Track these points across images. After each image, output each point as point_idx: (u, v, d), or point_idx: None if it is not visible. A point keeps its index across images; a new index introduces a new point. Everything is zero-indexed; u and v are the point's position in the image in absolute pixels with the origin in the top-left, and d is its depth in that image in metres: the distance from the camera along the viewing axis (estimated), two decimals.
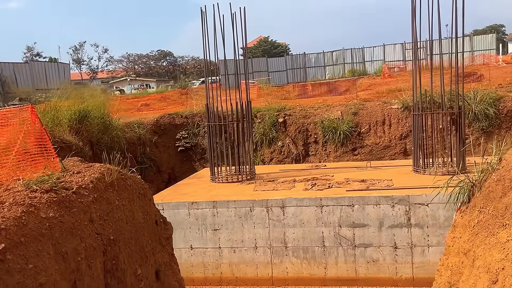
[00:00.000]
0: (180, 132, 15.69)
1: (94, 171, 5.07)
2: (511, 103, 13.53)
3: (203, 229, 8.54)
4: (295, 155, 14.44)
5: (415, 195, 7.92)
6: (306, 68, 35.59)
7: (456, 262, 5.23)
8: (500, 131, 13.46)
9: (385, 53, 35.07)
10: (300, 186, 9.21)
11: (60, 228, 3.93)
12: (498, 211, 4.79)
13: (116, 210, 5.00)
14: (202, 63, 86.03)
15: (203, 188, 9.82)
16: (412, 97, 10.31)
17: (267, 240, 8.33)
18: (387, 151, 14.03)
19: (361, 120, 14.38)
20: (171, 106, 21.79)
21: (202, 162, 15.70)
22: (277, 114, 15.23)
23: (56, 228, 3.87)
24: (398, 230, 7.94)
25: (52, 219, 3.89)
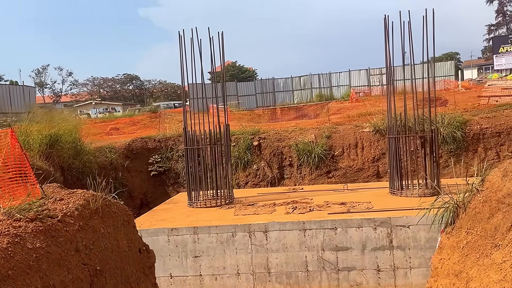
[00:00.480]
0: (153, 156, 15.36)
1: (78, 198, 4.83)
2: (477, 126, 14.11)
3: (183, 256, 8.27)
4: (271, 178, 14.40)
5: (396, 217, 8.00)
6: (275, 92, 36.06)
7: (447, 284, 5.25)
8: (467, 153, 13.95)
9: (350, 78, 36.10)
10: (281, 209, 9.14)
11: (47, 260, 3.67)
12: (487, 232, 4.88)
13: (102, 238, 4.76)
14: (170, 87, 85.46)
15: (182, 214, 9.57)
16: (387, 121, 10.56)
17: (250, 266, 8.15)
18: (360, 174, 14.23)
19: (334, 143, 14.58)
20: (141, 130, 21.40)
21: (175, 186, 15.38)
22: (251, 137, 15.22)
23: (43, 259, 3.62)
24: (380, 253, 7.97)
25: (39, 250, 3.64)
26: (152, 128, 20.73)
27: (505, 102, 16.04)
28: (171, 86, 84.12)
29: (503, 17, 63.10)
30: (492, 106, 16.16)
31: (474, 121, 14.35)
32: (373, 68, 36.03)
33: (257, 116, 27.19)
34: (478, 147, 14.00)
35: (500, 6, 62.81)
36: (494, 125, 14.09)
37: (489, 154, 13.90)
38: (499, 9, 62.98)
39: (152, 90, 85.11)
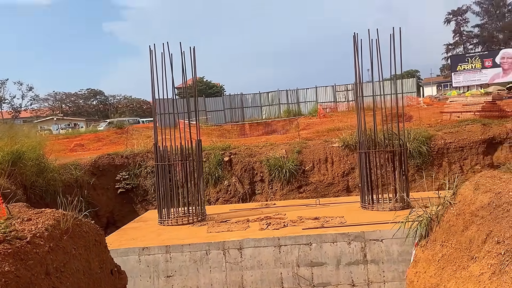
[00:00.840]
0: (121, 173, 14.95)
1: (47, 218, 4.58)
2: (441, 141, 14.58)
3: (155, 276, 7.99)
4: (242, 194, 14.29)
5: (369, 231, 8.07)
6: (243, 108, 36.17)
7: None
8: (432, 167, 14.37)
9: (317, 94, 36.72)
10: (255, 226, 9.04)
11: (17, 284, 3.43)
12: (462, 244, 4.97)
13: (73, 260, 4.52)
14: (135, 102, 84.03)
15: (152, 232, 9.30)
16: (358, 136, 10.72)
17: (224, 285, 7.97)
18: (331, 188, 14.35)
19: (305, 158, 14.68)
20: (107, 146, 20.84)
21: (144, 204, 15.00)
22: (222, 153, 15.11)
23: (12, 284, 3.38)
24: (355, 267, 7.99)
25: (8, 274, 3.40)
26: (118, 144, 20.23)
27: (466, 117, 16.69)
28: (136, 101, 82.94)
29: (460, 37, 66.30)
30: (454, 121, 16.77)
31: (438, 136, 14.83)
32: (339, 85, 36.83)
33: (226, 131, 27.10)
34: (442, 161, 14.45)
35: (457, 27, 66.02)
36: (457, 140, 14.62)
37: (453, 168, 14.37)
38: (456, 29, 66.18)
39: (117, 106, 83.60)
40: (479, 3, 64.44)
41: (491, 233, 4.37)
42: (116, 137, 22.41)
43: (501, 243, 4.04)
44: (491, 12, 64.00)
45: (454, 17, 65.84)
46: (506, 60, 49.76)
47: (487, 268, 4.05)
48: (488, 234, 4.43)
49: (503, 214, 4.40)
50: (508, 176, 5.16)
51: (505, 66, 49.76)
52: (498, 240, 4.11)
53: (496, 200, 4.64)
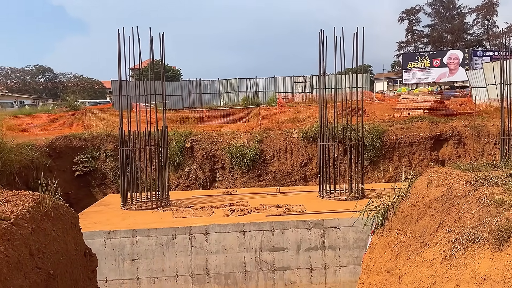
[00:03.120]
0: (78, 155, 14.66)
1: (26, 200, 4.62)
2: (393, 136, 15.46)
3: (120, 259, 8.10)
4: (203, 181, 14.49)
5: (328, 219, 8.59)
6: (202, 94, 36.01)
7: (380, 280, 5.82)
8: (384, 160, 15.22)
9: (276, 84, 37.20)
10: (219, 212, 9.32)
11: (7, 264, 3.53)
12: (416, 232, 5.51)
13: (53, 242, 4.61)
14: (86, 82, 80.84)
15: (117, 216, 9.34)
16: (320, 129, 11.20)
17: (189, 268, 8.23)
18: (289, 177, 14.86)
19: (265, 147, 15.07)
20: (61, 127, 20.23)
21: (102, 188, 14.82)
22: (184, 139, 15.19)
23: (3, 263, 3.47)
24: (313, 253, 8.49)
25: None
26: (74, 126, 19.71)
27: (417, 114, 17.73)
28: (88, 81, 80.00)
29: (412, 35, 69.12)
30: (405, 118, 17.76)
31: (390, 131, 15.70)
32: (297, 76, 37.50)
33: (185, 117, 27.00)
34: (393, 155, 15.34)
35: (410, 26, 68.75)
36: (408, 135, 15.55)
37: (403, 161, 15.30)
38: (408, 28, 68.91)
39: (66, 84, 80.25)
40: (431, 4, 67.43)
41: (442, 223, 4.90)
42: (70, 118, 21.78)
43: (452, 232, 4.57)
44: (441, 13, 67.18)
45: (407, 16, 68.52)
46: (453, 61, 52.63)
47: (438, 254, 4.57)
48: (440, 224, 4.97)
49: (453, 206, 4.94)
50: (457, 172, 5.74)
51: (452, 66, 52.61)
52: (449, 229, 4.64)
53: (448, 193, 5.19)
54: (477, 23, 66.67)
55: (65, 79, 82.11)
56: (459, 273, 3.98)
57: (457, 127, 15.85)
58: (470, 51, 52.95)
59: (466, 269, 3.91)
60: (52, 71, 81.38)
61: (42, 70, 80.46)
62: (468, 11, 66.40)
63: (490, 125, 15.75)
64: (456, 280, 3.99)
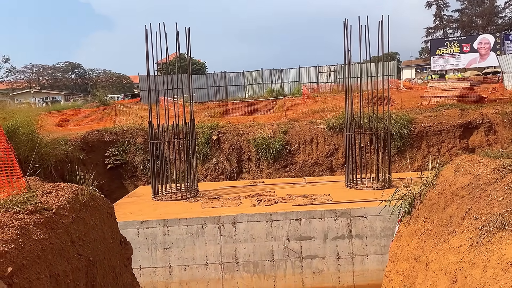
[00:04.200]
0: (110, 149, 15.13)
1: (66, 191, 4.90)
2: (421, 124, 15.25)
3: (152, 248, 8.42)
4: (230, 172, 14.72)
5: (355, 208, 8.65)
6: (227, 86, 36.26)
7: (407, 267, 5.88)
8: (412, 149, 15.06)
9: (300, 75, 37.05)
10: (247, 202, 9.51)
11: (52, 250, 3.80)
12: (443, 220, 5.54)
13: (91, 230, 4.88)
14: (115, 77, 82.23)
15: (148, 207, 9.67)
16: (346, 118, 11.20)
17: (219, 257, 8.47)
18: (315, 168, 14.92)
19: (291, 138, 15.15)
20: (93, 122, 20.86)
21: (133, 180, 15.28)
22: (210, 131, 15.44)
23: (48, 250, 3.74)
24: (340, 241, 8.58)
25: (43, 241, 3.75)
26: (105, 120, 20.29)
27: (445, 102, 17.40)
28: (116, 76, 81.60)
29: (440, 21, 67.22)
30: (434, 106, 17.46)
31: (418, 120, 15.49)
32: (322, 66, 37.22)
33: (210, 109, 27.31)
34: (421, 144, 15.15)
35: (438, 11, 66.85)
36: (436, 123, 15.31)
37: (431, 150, 15.10)
38: (437, 13, 67.03)
39: (95, 80, 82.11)
40: None
41: (469, 211, 4.92)
42: (101, 113, 22.40)
43: (479, 219, 4.59)
44: None
45: (435, 1, 66.61)
46: (483, 46, 50.97)
47: (465, 240, 4.60)
48: (467, 212, 4.98)
49: (480, 194, 4.94)
50: (485, 160, 5.71)
51: (482, 51, 50.98)
52: (476, 217, 4.66)
53: (475, 181, 5.19)
54: (509, 6, 64.14)
55: (94, 74, 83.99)
56: (485, 259, 4.02)
57: (488, 114, 15.48)
58: (501, 35, 51.13)
59: (493, 255, 3.95)
60: (82, 67, 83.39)
61: (72, 67, 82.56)
62: None
63: None
64: (482, 266, 4.03)
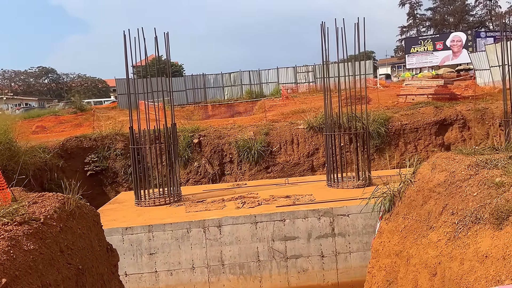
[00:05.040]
0: (89, 155, 14.99)
1: (52, 201, 4.91)
2: (398, 122, 15.63)
3: (138, 254, 8.42)
4: (212, 175, 14.78)
5: (337, 207, 8.85)
6: (205, 88, 36.23)
7: (389, 263, 6.09)
8: (390, 147, 15.42)
9: (279, 75, 37.32)
10: (231, 205, 9.60)
11: (42, 260, 3.83)
12: (422, 216, 5.76)
13: (79, 239, 4.91)
14: (90, 81, 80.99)
15: (132, 213, 9.66)
16: (325, 119, 11.41)
17: (204, 260, 8.54)
18: (296, 168, 15.12)
19: (272, 139, 15.32)
20: (71, 128, 20.57)
21: (114, 186, 15.17)
22: (191, 135, 15.46)
23: (38, 260, 3.77)
24: (324, 240, 8.76)
25: (33, 251, 3.78)
26: (83, 126, 20.04)
27: (421, 100, 17.86)
28: (91, 80, 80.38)
29: (414, 19, 68.65)
30: (410, 104, 17.90)
31: (395, 118, 15.87)
32: (299, 66, 37.57)
33: (190, 112, 27.28)
34: (399, 142, 15.53)
35: (411, 10, 68.27)
36: (412, 121, 15.72)
37: (408, 147, 15.49)
38: (410, 12, 68.43)
39: (70, 84, 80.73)
40: None
41: (446, 206, 5.15)
42: (80, 119, 22.11)
43: (455, 214, 4.81)
44: None
45: (408, 0, 68.01)
46: (456, 43, 52.30)
47: (443, 235, 4.82)
48: (444, 207, 5.21)
49: (456, 190, 5.17)
50: (460, 157, 5.96)
51: (455, 49, 52.31)
52: (453, 212, 4.88)
53: (451, 178, 5.42)
54: (479, 4, 66.08)
55: (69, 79, 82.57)
56: (462, 252, 4.24)
57: (461, 111, 15.98)
58: (473, 33, 52.58)
59: (469, 248, 4.16)
60: (56, 72, 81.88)
61: (46, 72, 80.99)
62: None
63: (494, 107, 15.85)
64: (460, 259, 4.24)
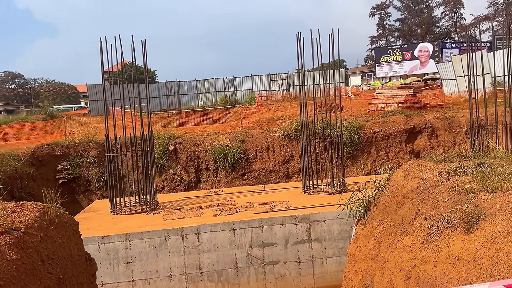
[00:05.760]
0: (62, 163, 14.71)
1: (32, 210, 4.86)
2: (370, 130, 16.05)
3: (114, 263, 8.34)
4: (188, 182, 14.76)
5: (314, 213, 9.02)
6: (179, 95, 36.06)
7: (365, 267, 6.28)
8: (363, 154, 15.81)
9: (253, 83, 37.57)
10: (208, 212, 9.64)
11: (25, 270, 3.80)
12: (396, 221, 5.99)
13: (59, 248, 4.87)
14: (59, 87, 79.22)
15: (108, 221, 9.55)
16: (301, 127, 11.63)
17: (182, 268, 8.53)
18: (272, 175, 15.28)
19: (248, 147, 15.44)
20: (40, 135, 20.11)
21: (87, 194, 14.92)
22: (167, 142, 15.41)
23: (21, 270, 3.74)
24: (301, 246, 8.92)
25: (16, 261, 3.75)
26: (54, 133, 19.63)
27: (391, 109, 18.40)
28: (60, 86, 78.56)
29: (383, 30, 70.53)
30: (381, 112, 18.41)
31: (367, 126, 16.30)
32: (273, 74, 37.95)
33: (164, 119, 27.14)
34: (371, 149, 15.94)
35: (381, 20, 70.15)
36: (384, 129, 16.18)
37: (380, 155, 15.92)
38: (379, 23, 70.29)
39: (38, 90, 78.67)
40: None
41: (419, 212, 5.38)
42: (51, 126, 21.64)
43: (428, 219, 5.04)
44: (411, 7, 68.73)
45: (378, 11, 69.87)
46: (423, 53, 54.05)
47: (417, 239, 5.04)
48: (417, 213, 5.44)
49: (428, 196, 5.42)
50: (431, 164, 6.23)
51: (422, 59, 54.03)
52: (425, 217, 5.12)
53: (423, 184, 5.67)
54: (445, 16, 68.58)
55: (37, 84, 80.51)
56: (435, 255, 4.45)
57: (430, 119, 16.56)
58: (439, 44, 54.49)
59: (442, 251, 4.38)
60: (23, 77, 79.70)
61: (12, 77, 78.73)
62: (436, 5, 68.22)
63: (461, 116, 16.51)
64: (433, 261, 4.46)
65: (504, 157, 6.55)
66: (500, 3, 63.28)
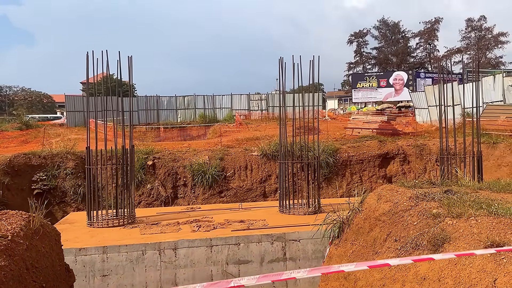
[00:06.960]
0: (38, 173, 14.56)
1: (17, 219, 4.95)
2: (345, 154, 16.54)
3: (90, 276, 8.34)
4: (165, 198, 14.80)
5: (289, 232, 9.28)
6: (158, 110, 36.12)
7: (338, 286, 6.55)
8: (338, 177, 16.24)
9: (232, 101, 38.02)
10: (186, 228, 9.76)
11: (12, 277, 3.90)
12: (368, 242, 6.32)
13: (43, 257, 4.96)
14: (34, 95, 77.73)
15: (85, 234, 9.54)
16: (279, 148, 11.95)
17: (158, 283, 8.59)
18: (249, 194, 15.50)
19: (226, 165, 15.65)
20: (15, 145, 19.81)
21: (62, 206, 14.76)
22: (145, 157, 15.47)
23: (9, 277, 3.85)
24: (276, 264, 9.13)
25: (4, 268, 3.86)
26: (30, 143, 19.37)
27: (366, 134, 19.01)
28: (36, 94, 77.16)
29: (360, 57, 72.59)
30: (356, 137, 18.99)
31: (343, 150, 16.79)
32: (253, 94, 38.53)
33: (142, 133, 27.10)
34: (346, 172, 16.40)
35: (358, 48, 72.26)
36: (358, 153, 16.70)
37: (354, 178, 16.38)
38: (357, 50, 72.38)
39: (13, 98, 77.01)
40: (378, 28, 71.35)
41: (390, 234, 5.72)
42: (27, 136, 21.34)
43: (398, 241, 5.38)
44: (387, 37, 71.19)
45: (356, 39, 72.03)
46: (398, 81, 55.84)
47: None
48: (388, 234, 5.78)
49: (399, 219, 5.77)
50: (402, 189, 6.62)
51: (397, 86, 55.78)
52: (396, 239, 5.45)
53: (394, 208, 6.04)
54: (420, 47, 71.30)
55: (12, 92, 78.86)
56: (404, 275, 4.77)
57: (402, 146, 17.20)
58: (413, 73, 56.50)
59: (410, 271, 4.70)
60: None
61: None
62: (412, 35, 70.96)
63: (432, 144, 17.22)
64: (401, 281, 4.77)
65: (470, 185, 7.02)
66: (472, 37, 66.32)
